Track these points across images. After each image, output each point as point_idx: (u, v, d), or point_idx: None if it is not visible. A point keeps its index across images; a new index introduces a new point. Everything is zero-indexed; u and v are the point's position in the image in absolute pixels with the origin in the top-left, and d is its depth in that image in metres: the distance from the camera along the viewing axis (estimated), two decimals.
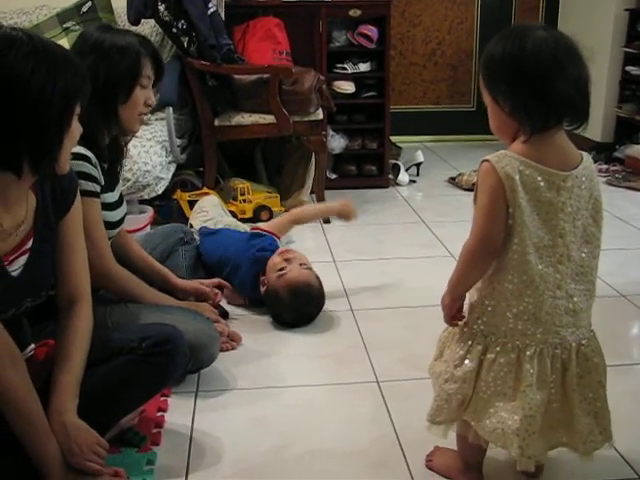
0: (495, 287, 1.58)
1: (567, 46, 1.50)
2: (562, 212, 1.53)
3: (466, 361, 1.62)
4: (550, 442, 1.62)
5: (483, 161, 1.54)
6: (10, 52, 1.45)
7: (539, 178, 1.50)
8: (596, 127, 5.08)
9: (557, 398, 1.58)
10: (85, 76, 1.58)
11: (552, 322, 1.57)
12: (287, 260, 2.65)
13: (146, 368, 1.78)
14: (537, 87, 1.47)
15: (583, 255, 1.58)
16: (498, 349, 1.58)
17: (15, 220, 1.63)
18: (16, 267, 1.64)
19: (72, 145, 1.62)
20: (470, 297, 1.65)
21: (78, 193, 1.81)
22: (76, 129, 1.61)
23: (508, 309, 1.57)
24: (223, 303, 2.70)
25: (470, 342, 1.63)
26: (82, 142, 1.81)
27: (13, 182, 1.56)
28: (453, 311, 1.67)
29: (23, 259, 1.66)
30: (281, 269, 2.61)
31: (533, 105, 1.47)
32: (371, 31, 4.33)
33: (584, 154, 1.61)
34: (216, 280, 2.64)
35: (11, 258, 1.63)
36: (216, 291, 2.59)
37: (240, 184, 3.79)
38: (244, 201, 3.75)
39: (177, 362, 1.85)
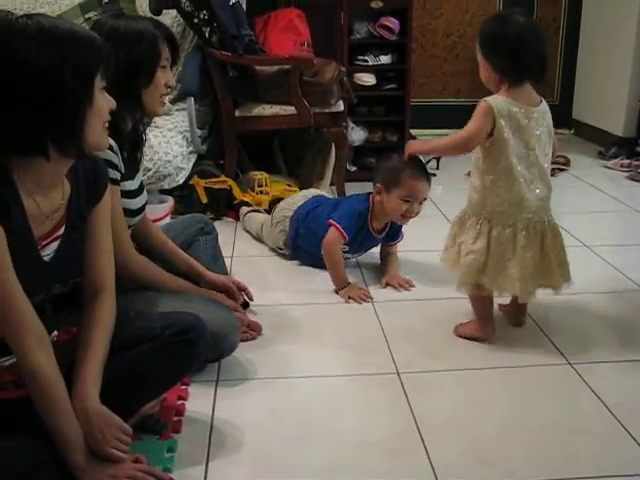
0: (494, 187, 2.30)
1: (536, 30, 2.31)
2: (532, 134, 2.29)
3: (479, 239, 2.32)
4: (538, 283, 2.36)
5: (482, 101, 2.29)
6: (15, 38, 1.46)
7: (518, 110, 2.27)
8: (618, 121, 5.03)
9: (540, 256, 2.33)
10: (102, 49, 1.56)
11: (530, 206, 2.31)
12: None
13: (168, 356, 1.79)
14: (512, 56, 2.24)
15: (543, 163, 2.33)
16: (499, 227, 2.31)
17: (52, 205, 1.64)
18: (48, 252, 1.66)
19: (101, 121, 1.60)
20: (471, 197, 2.38)
21: (108, 185, 1.82)
22: (103, 103, 1.59)
23: (503, 199, 2.30)
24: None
25: (479, 226, 2.34)
26: None
27: (47, 166, 1.57)
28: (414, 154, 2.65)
29: (55, 245, 1.67)
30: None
31: (509, 67, 2.26)
32: (393, 23, 4.31)
33: (542, 99, 2.37)
34: (243, 284, 2.63)
35: (44, 242, 1.64)
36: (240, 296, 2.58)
37: (258, 175, 3.78)
38: (261, 193, 3.74)
39: (199, 350, 1.86)
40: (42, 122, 1.50)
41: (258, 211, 3.58)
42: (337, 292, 2.81)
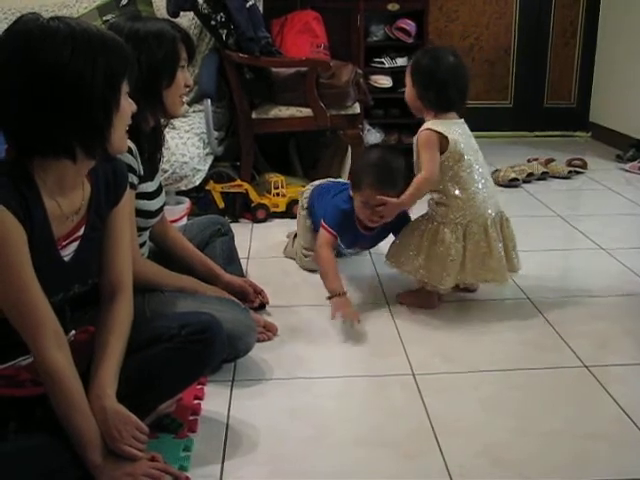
0: (461, 195, 2.54)
1: (463, 70, 2.58)
2: (472, 140, 2.61)
3: (457, 243, 2.53)
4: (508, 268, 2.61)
5: (422, 130, 2.53)
6: (46, 41, 1.48)
7: (455, 126, 2.56)
8: (636, 124, 5.00)
9: (504, 244, 2.61)
10: (128, 55, 1.59)
11: (492, 203, 2.59)
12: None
13: (185, 355, 1.80)
14: (438, 92, 2.53)
15: (483, 168, 2.61)
16: (473, 228, 2.54)
17: (72, 206, 1.66)
18: (68, 252, 1.68)
19: (125, 124, 1.64)
20: (435, 210, 2.60)
21: (128, 185, 1.84)
22: (127, 107, 1.63)
23: (470, 203, 2.54)
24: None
25: (455, 233, 2.54)
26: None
27: (70, 168, 1.59)
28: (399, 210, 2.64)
29: (74, 245, 1.69)
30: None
31: (434, 101, 2.55)
32: (409, 25, 4.32)
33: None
34: (259, 287, 2.65)
35: (64, 243, 1.66)
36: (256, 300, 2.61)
37: (274, 177, 3.80)
38: (277, 195, 3.76)
39: (215, 350, 1.86)
40: (71, 125, 1.53)
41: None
42: (328, 299, 2.58)
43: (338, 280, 2.62)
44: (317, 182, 3.25)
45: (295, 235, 3.25)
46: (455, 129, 2.55)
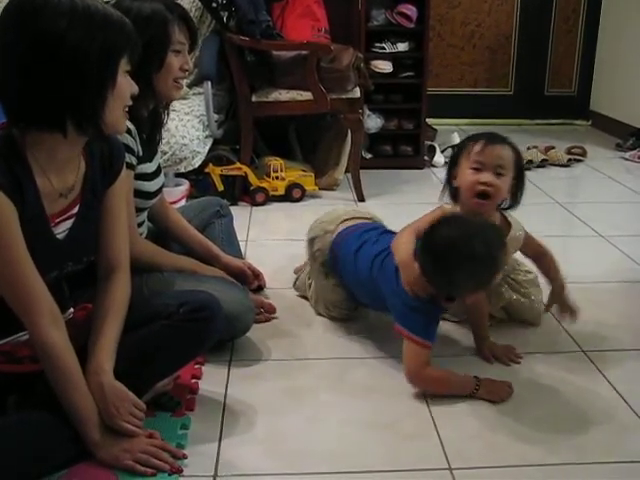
0: None
1: None
2: None
3: None
4: None
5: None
6: (46, 9, 1.47)
7: None
8: (636, 113, 5.00)
9: None
10: (131, 32, 1.57)
11: None
12: None
13: (183, 333, 1.80)
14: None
15: None
16: None
17: (65, 183, 1.65)
18: (61, 230, 1.67)
19: (122, 104, 1.61)
20: None
21: (124, 164, 1.83)
22: (125, 87, 1.60)
23: None
24: None
25: None
26: None
27: (62, 143, 1.57)
28: None
29: (69, 223, 1.68)
30: None
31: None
32: (410, 10, 4.29)
33: None
34: (257, 270, 2.65)
35: (57, 220, 1.65)
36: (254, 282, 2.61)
37: (273, 161, 3.80)
38: (277, 178, 3.76)
39: (214, 329, 1.86)
40: (63, 97, 1.51)
41: None
42: (474, 396, 2.04)
43: (461, 376, 2.08)
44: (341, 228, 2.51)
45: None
46: None
